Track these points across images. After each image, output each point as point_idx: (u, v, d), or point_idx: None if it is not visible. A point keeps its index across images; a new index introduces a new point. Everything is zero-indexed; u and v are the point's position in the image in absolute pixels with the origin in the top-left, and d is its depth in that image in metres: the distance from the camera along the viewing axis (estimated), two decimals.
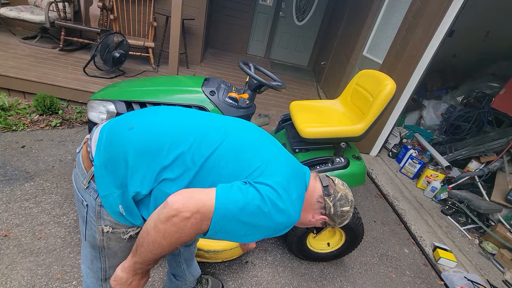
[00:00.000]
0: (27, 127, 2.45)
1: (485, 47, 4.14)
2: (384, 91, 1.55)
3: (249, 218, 0.66)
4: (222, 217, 0.63)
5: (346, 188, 0.89)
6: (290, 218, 0.71)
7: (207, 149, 0.74)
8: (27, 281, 1.40)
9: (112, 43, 3.07)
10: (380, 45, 3.53)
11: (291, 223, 0.73)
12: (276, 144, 0.87)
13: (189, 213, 0.61)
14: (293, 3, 5.55)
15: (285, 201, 0.69)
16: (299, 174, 0.81)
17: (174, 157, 0.72)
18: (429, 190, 2.99)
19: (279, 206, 0.68)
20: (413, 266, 2.12)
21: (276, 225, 0.70)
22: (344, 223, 0.91)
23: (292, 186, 0.73)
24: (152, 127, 0.78)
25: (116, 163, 0.73)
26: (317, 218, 0.86)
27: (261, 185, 0.69)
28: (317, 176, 0.88)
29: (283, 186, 0.70)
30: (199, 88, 1.52)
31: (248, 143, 0.79)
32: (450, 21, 2.61)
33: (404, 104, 3.10)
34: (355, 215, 1.64)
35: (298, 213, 0.74)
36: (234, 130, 0.81)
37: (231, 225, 0.65)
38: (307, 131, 1.60)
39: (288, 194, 0.70)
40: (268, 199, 0.67)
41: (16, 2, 3.56)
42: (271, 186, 0.69)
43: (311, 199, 0.83)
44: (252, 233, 0.69)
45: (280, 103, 4.07)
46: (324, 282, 1.80)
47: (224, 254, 1.59)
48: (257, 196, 0.66)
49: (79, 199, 0.81)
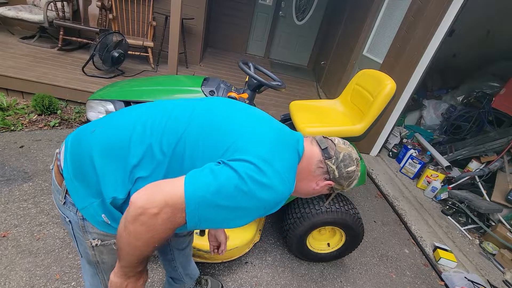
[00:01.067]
0: (25, 127, 2.44)
1: (485, 47, 4.13)
2: (384, 91, 1.54)
3: (228, 201, 0.59)
4: (197, 206, 0.57)
5: (349, 146, 0.81)
6: (278, 192, 0.64)
7: (174, 136, 0.69)
8: (26, 282, 1.39)
9: (111, 42, 3.06)
10: (380, 45, 3.52)
11: (281, 198, 0.66)
12: (255, 115, 0.78)
13: (156, 209, 0.55)
14: (293, 3, 5.54)
15: (268, 175, 0.62)
16: (287, 143, 0.73)
17: (142, 153, 0.68)
18: (429, 190, 2.98)
19: (262, 182, 0.61)
20: (413, 266, 2.12)
21: (263, 203, 0.63)
22: (352, 185, 0.82)
23: (277, 157, 0.66)
24: (112, 124, 0.74)
25: (84, 171, 0.69)
26: (322, 185, 0.78)
27: (236, 162, 0.62)
28: (313, 140, 0.80)
29: (263, 159, 0.63)
30: (198, 88, 1.51)
31: (219, 120, 0.72)
32: (450, 21, 2.61)
33: (404, 104, 3.09)
34: (355, 215, 1.64)
35: (289, 185, 0.66)
36: (201, 110, 0.75)
37: (210, 212, 0.59)
38: (307, 131, 1.60)
39: (271, 166, 0.63)
40: (246, 177, 0.59)
41: (15, 2, 3.55)
42: (249, 161, 0.61)
43: (310, 166, 0.76)
44: (239, 216, 0.63)
45: (280, 103, 4.06)
46: (324, 282, 1.79)
47: (223, 255, 1.58)
48: (233, 176, 0.59)
49: (62, 217, 0.77)
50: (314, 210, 1.60)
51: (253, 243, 1.76)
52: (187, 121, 0.71)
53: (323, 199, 0.95)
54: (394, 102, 3.03)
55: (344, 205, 1.64)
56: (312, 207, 1.62)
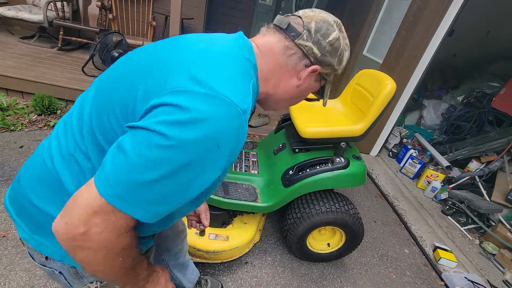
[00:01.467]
0: (25, 127, 2.44)
1: (486, 47, 4.13)
2: (384, 91, 1.54)
3: (158, 169, 0.44)
4: (126, 197, 0.45)
5: (320, 12, 0.64)
6: (220, 117, 0.46)
7: (80, 126, 0.57)
8: (26, 282, 1.39)
9: (111, 42, 3.06)
10: (380, 44, 3.52)
11: (232, 121, 0.48)
12: (171, 43, 0.59)
13: (82, 226, 0.44)
14: (293, 3, 5.54)
15: (191, 106, 0.45)
16: (219, 50, 0.55)
17: (67, 166, 0.57)
18: (430, 190, 2.98)
19: (185, 119, 0.44)
20: (413, 266, 2.12)
21: (208, 143, 0.46)
22: (345, 59, 0.65)
23: (205, 73, 0.49)
24: (32, 156, 0.66)
25: (37, 221, 0.59)
26: (306, 75, 0.62)
27: (143, 116, 0.48)
28: (268, 27, 0.64)
29: (180, 89, 0.47)
30: None
31: (117, 77, 0.58)
32: (450, 21, 2.61)
33: (404, 104, 3.09)
34: (355, 215, 1.64)
35: (234, 99, 0.48)
36: (100, 78, 0.63)
37: (149, 193, 0.46)
38: (307, 131, 1.60)
39: (193, 92, 0.46)
40: (162, 126, 0.44)
41: (15, 2, 3.55)
42: (161, 104, 0.46)
43: (277, 59, 0.60)
44: (190, 177, 0.47)
45: None
46: (324, 282, 1.79)
47: (223, 255, 1.58)
48: (142, 136, 0.45)
49: (49, 272, 0.67)
50: (314, 210, 1.60)
51: (253, 243, 1.76)
52: (87, 102, 0.59)
53: (317, 98, 0.72)
54: (394, 102, 3.03)
55: (344, 205, 1.64)
56: (312, 207, 1.62)
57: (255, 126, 3.26)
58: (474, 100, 3.67)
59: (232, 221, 1.74)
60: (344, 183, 1.67)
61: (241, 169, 1.83)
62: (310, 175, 1.60)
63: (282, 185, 1.65)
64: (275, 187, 1.68)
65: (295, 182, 1.60)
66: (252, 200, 1.62)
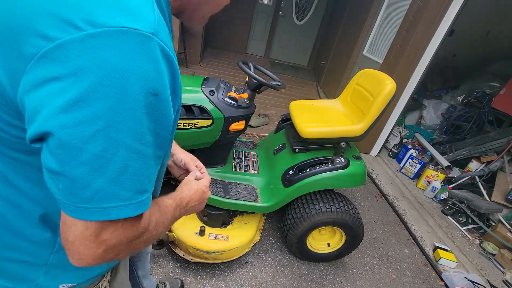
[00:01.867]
0: None
1: (486, 47, 4.14)
2: (384, 91, 1.54)
3: (104, 156, 0.37)
4: (106, 203, 0.40)
5: None
6: (125, 60, 0.35)
7: None
8: None
9: None
10: (380, 44, 3.52)
11: (139, 62, 0.37)
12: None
13: (97, 248, 0.42)
14: (293, 3, 5.54)
15: (78, 66, 0.34)
16: None
17: None
18: (430, 190, 2.98)
19: (83, 89, 0.35)
20: (413, 266, 2.12)
21: (132, 97, 0.37)
22: None
23: (80, 5, 0.35)
24: None
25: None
26: None
27: (30, 111, 0.36)
28: None
29: (54, 43, 0.34)
30: (198, 87, 1.51)
31: None
32: (450, 21, 2.61)
33: (404, 104, 3.09)
34: (355, 215, 1.64)
35: (131, 25, 0.36)
36: None
37: (114, 182, 0.39)
38: (307, 131, 1.60)
39: (71, 45, 0.34)
40: (63, 122, 0.35)
41: None
42: (38, 84, 0.35)
43: None
44: (138, 136, 0.40)
45: (280, 103, 4.06)
46: (324, 282, 1.79)
47: (223, 255, 1.58)
48: (56, 145, 0.36)
49: None
50: (314, 210, 1.60)
51: (253, 243, 1.76)
52: None
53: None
54: (394, 102, 3.03)
55: (344, 205, 1.64)
56: (312, 207, 1.62)
57: (255, 126, 3.26)
58: (474, 100, 3.67)
59: (232, 221, 1.74)
60: (344, 183, 1.68)
61: (241, 169, 1.83)
62: (310, 175, 1.60)
63: (282, 185, 1.65)
64: (275, 187, 1.68)
65: (295, 182, 1.60)
66: (252, 200, 1.62)
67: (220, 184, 1.67)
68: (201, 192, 0.69)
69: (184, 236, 1.54)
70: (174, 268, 1.64)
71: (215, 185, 1.66)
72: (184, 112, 1.44)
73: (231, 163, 1.85)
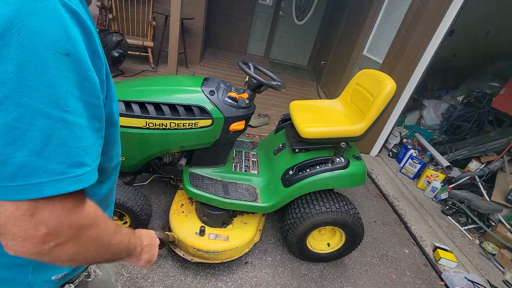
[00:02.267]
0: None
1: (486, 47, 4.14)
2: (384, 91, 1.54)
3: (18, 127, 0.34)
4: (32, 179, 0.36)
5: None
6: (25, 22, 0.33)
7: None
8: None
9: (111, 42, 3.06)
10: (380, 44, 3.52)
11: (41, 26, 0.34)
12: None
13: (38, 229, 0.38)
14: (293, 3, 5.54)
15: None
16: None
17: None
18: (430, 190, 2.98)
19: None
20: (413, 266, 2.12)
21: (42, 61, 0.34)
22: None
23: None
24: None
25: None
26: None
27: None
28: None
29: None
30: (198, 88, 1.51)
31: None
32: (450, 21, 2.61)
33: (404, 104, 3.09)
34: (355, 215, 1.64)
35: None
36: None
37: (36, 155, 0.36)
38: (307, 131, 1.60)
39: None
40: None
41: None
42: None
43: None
44: (53, 100, 0.36)
45: (280, 103, 4.06)
46: (324, 282, 1.79)
47: (223, 255, 1.58)
48: None
49: None
50: (314, 210, 1.60)
51: (253, 243, 1.76)
52: None
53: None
54: (394, 102, 3.03)
55: (344, 205, 1.64)
56: (312, 207, 1.62)
57: (255, 126, 3.27)
58: (474, 100, 3.67)
59: (232, 221, 1.74)
60: (344, 183, 1.68)
61: (241, 169, 1.83)
62: (310, 175, 1.60)
63: (282, 185, 1.65)
64: (275, 187, 1.68)
65: (295, 182, 1.61)
66: (252, 200, 1.62)
67: (220, 184, 1.68)
68: (151, 255, 0.67)
69: (184, 236, 1.54)
70: (174, 268, 1.64)
71: (215, 185, 1.66)
72: (184, 112, 1.44)
73: (231, 163, 1.85)
